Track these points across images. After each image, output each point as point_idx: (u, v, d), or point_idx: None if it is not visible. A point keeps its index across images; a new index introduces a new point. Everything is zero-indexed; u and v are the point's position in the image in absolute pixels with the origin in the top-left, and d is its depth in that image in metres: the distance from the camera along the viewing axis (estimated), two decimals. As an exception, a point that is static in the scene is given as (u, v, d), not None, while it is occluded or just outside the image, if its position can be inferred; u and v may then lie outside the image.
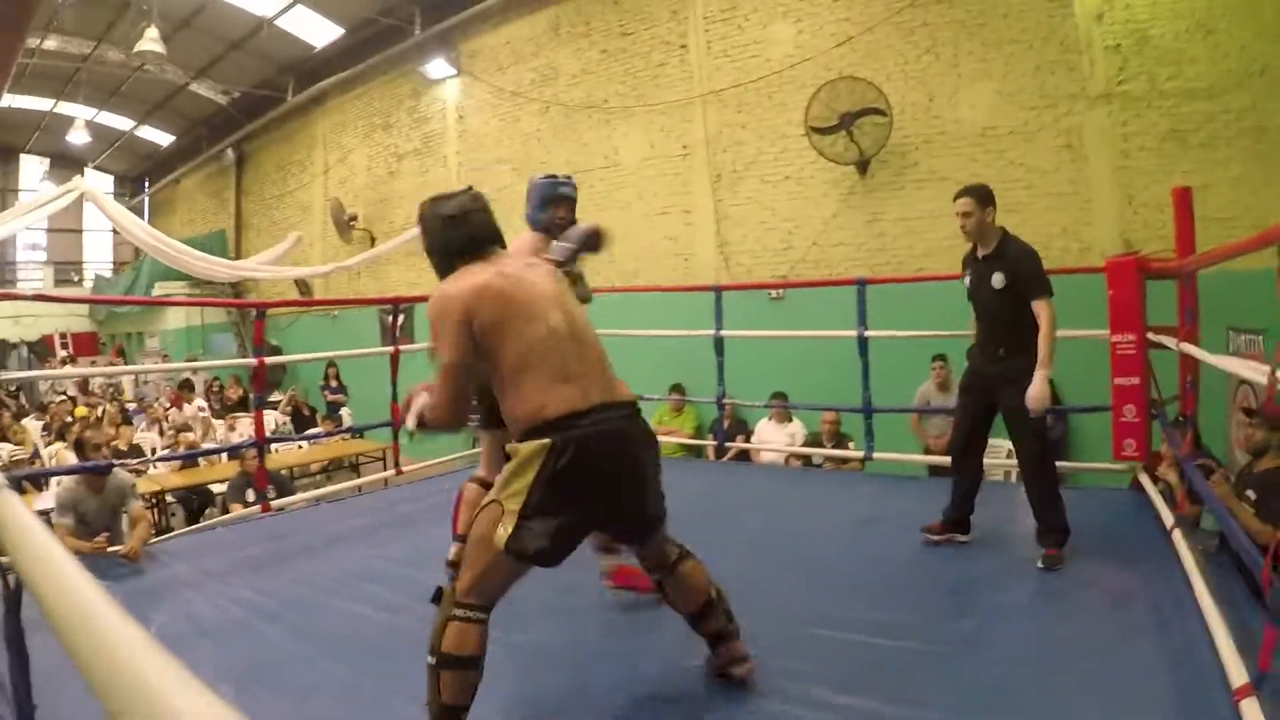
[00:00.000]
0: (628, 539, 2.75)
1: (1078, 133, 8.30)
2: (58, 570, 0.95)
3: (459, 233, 2.75)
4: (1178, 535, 3.88)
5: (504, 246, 2.82)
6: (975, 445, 4.56)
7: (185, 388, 13.42)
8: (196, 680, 0.64)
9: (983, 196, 4.29)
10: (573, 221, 3.88)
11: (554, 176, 3.94)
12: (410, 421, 2.69)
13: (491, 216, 2.84)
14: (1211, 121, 7.73)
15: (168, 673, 0.65)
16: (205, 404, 13.19)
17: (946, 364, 7.91)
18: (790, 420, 8.33)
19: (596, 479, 2.43)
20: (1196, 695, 2.59)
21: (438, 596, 2.49)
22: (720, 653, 2.78)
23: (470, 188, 2.93)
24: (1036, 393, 4.11)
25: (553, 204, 3.82)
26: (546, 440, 2.36)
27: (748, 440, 8.54)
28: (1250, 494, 4.12)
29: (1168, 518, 4.18)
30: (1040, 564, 3.91)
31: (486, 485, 3.28)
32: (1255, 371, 2.78)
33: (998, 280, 4.20)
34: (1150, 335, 4.92)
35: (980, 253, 4.38)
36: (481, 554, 2.41)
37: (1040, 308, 4.14)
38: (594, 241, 3.74)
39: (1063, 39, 8.42)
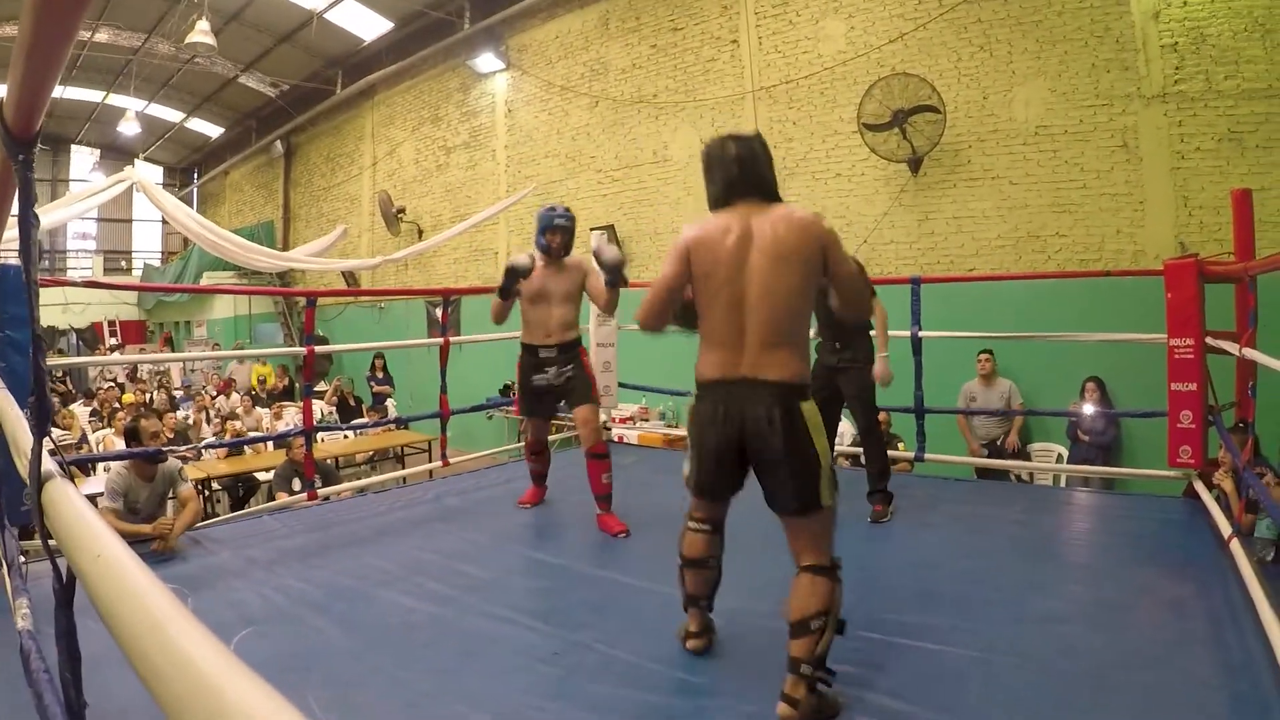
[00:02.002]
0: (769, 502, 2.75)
1: (1133, 132, 8.25)
2: (115, 564, 0.96)
3: (716, 176, 2.82)
4: (1235, 545, 3.78)
5: (766, 197, 2.75)
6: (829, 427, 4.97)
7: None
8: (256, 676, 0.63)
9: None
10: (567, 247, 4.83)
11: (553, 209, 4.87)
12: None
13: (759, 165, 2.79)
14: (1269, 123, 7.66)
15: (227, 668, 0.65)
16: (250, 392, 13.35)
17: (992, 357, 8.02)
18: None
19: (716, 442, 2.69)
20: (1253, 709, 2.54)
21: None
22: (784, 683, 2.80)
23: (758, 133, 2.88)
24: (881, 370, 4.94)
25: (549, 232, 4.74)
26: (693, 400, 2.76)
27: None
28: None
29: (1224, 526, 4.08)
30: (870, 519, 4.72)
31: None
32: None
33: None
34: (1209, 340, 4.84)
35: None
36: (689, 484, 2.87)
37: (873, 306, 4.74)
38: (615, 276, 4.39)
39: (1118, 37, 8.36)
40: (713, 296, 2.66)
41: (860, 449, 5.21)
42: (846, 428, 7.46)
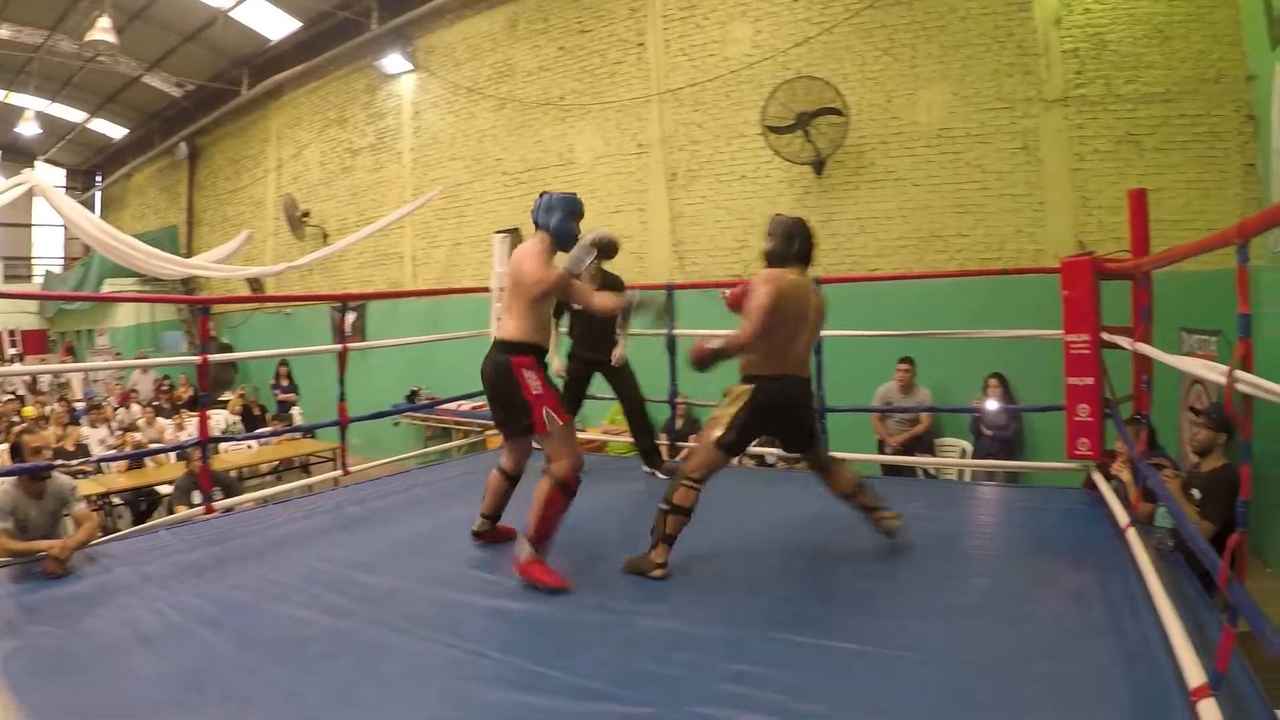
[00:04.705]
0: (791, 447, 4.28)
1: (1034, 135, 8.28)
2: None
3: (798, 247, 3.98)
4: (1132, 534, 3.85)
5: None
6: (578, 402, 6.00)
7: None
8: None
9: None
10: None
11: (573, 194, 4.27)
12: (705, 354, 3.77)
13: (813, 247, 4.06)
14: (1166, 125, 7.76)
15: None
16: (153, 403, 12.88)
17: (912, 367, 7.94)
18: None
19: (773, 414, 3.89)
20: (1154, 696, 2.55)
21: (673, 472, 4.00)
22: (874, 518, 4.07)
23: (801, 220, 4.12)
24: (619, 352, 5.79)
25: (578, 218, 4.11)
26: (751, 386, 3.84)
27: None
28: (1195, 493, 4.27)
29: (1122, 516, 4.15)
30: (660, 474, 5.77)
31: (505, 474, 4.30)
32: (1213, 371, 2.68)
33: None
34: (1104, 335, 4.95)
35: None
36: (704, 448, 3.83)
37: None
38: (608, 249, 4.27)
39: (1020, 42, 8.40)
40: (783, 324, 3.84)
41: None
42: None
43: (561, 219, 3.97)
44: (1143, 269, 4.62)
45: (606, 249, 4.24)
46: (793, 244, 3.96)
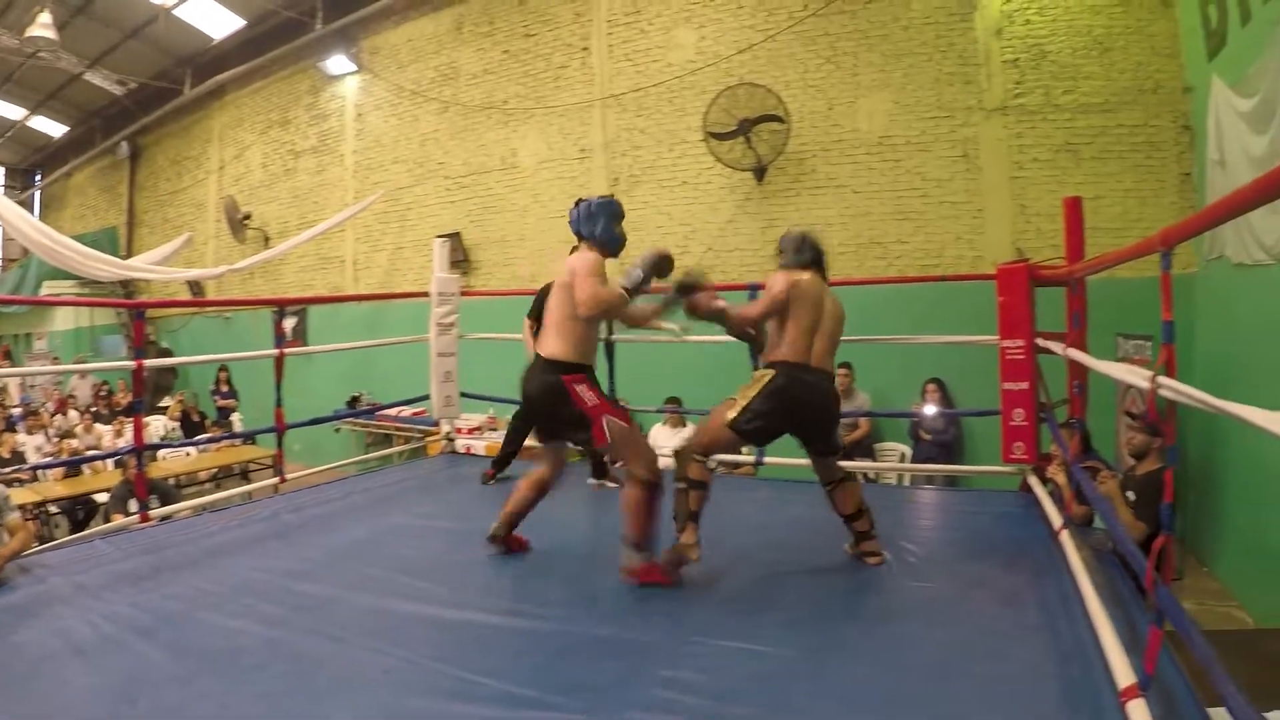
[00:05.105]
0: (812, 449, 3.99)
1: (973, 143, 8.28)
2: None
3: (809, 253, 4.06)
4: (1065, 536, 3.91)
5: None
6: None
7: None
8: None
9: None
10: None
11: (610, 197, 4.04)
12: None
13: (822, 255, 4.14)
14: (1104, 135, 7.80)
15: None
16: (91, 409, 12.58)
17: (850, 372, 7.92)
18: (684, 425, 8.05)
19: (795, 405, 3.80)
20: (1084, 696, 2.57)
21: (678, 453, 3.81)
22: (862, 545, 3.94)
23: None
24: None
25: (620, 219, 3.95)
26: (773, 371, 3.79)
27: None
28: (1130, 495, 4.31)
29: (1056, 519, 4.21)
30: (609, 484, 5.55)
31: (537, 482, 4.07)
32: (1136, 376, 2.69)
33: None
34: (1039, 341, 5.00)
35: None
36: (714, 425, 3.79)
37: None
38: (664, 266, 3.83)
39: (962, 52, 8.41)
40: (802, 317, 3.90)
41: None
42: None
43: (605, 225, 3.84)
44: (1075, 275, 4.69)
45: (662, 268, 3.85)
46: (804, 251, 4.05)
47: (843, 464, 7.28)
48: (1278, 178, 1.69)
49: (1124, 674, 2.49)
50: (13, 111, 18.33)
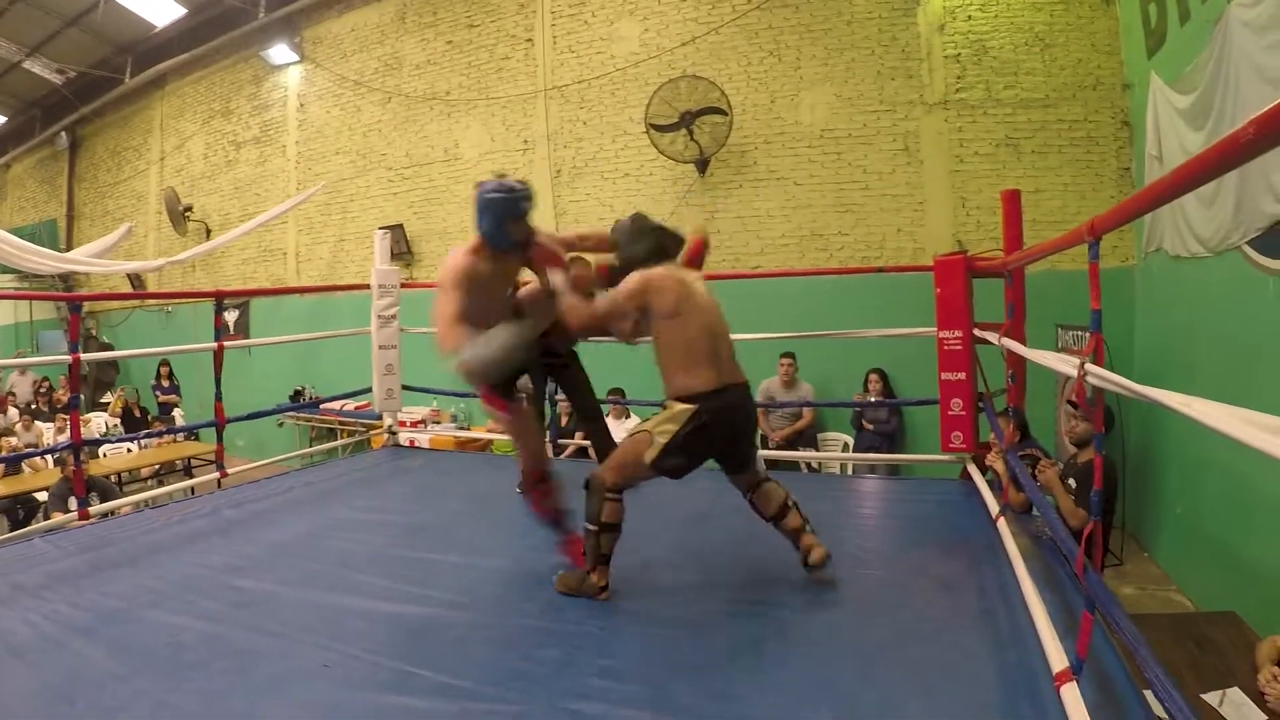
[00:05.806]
0: (729, 469, 3.68)
1: (915, 137, 8.27)
2: None
3: (649, 240, 3.66)
4: (1003, 523, 3.97)
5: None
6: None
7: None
8: None
9: None
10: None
11: (511, 190, 3.52)
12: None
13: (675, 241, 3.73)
14: (1044, 130, 7.83)
15: None
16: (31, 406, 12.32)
17: (794, 361, 7.98)
18: (628, 416, 8.07)
19: (718, 435, 3.43)
20: (1019, 680, 2.61)
21: (588, 485, 3.46)
22: (801, 544, 3.55)
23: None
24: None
25: (516, 220, 3.55)
26: (693, 406, 3.35)
27: (586, 437, 8.18)
28: (1071, 483, 4.51)
29: (994, 506, 4.26)
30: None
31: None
32: (1066, 365, 2.72)
33: None
34: (976, 331, 5.06)
35: None
36: (630, 464, 3.43)
37: None
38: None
39: (904, 47, 8.40)
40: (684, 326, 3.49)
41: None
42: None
43: (490, 225, 3.53)
44: (1009, 266, 4.72)
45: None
46: (641, 239, 3.66)
47: (785, 454, 7.32)
48: (1196, 167, 1.65)
49: (1058, 658, 2.52)
50: (-51, 100, 17.92)
